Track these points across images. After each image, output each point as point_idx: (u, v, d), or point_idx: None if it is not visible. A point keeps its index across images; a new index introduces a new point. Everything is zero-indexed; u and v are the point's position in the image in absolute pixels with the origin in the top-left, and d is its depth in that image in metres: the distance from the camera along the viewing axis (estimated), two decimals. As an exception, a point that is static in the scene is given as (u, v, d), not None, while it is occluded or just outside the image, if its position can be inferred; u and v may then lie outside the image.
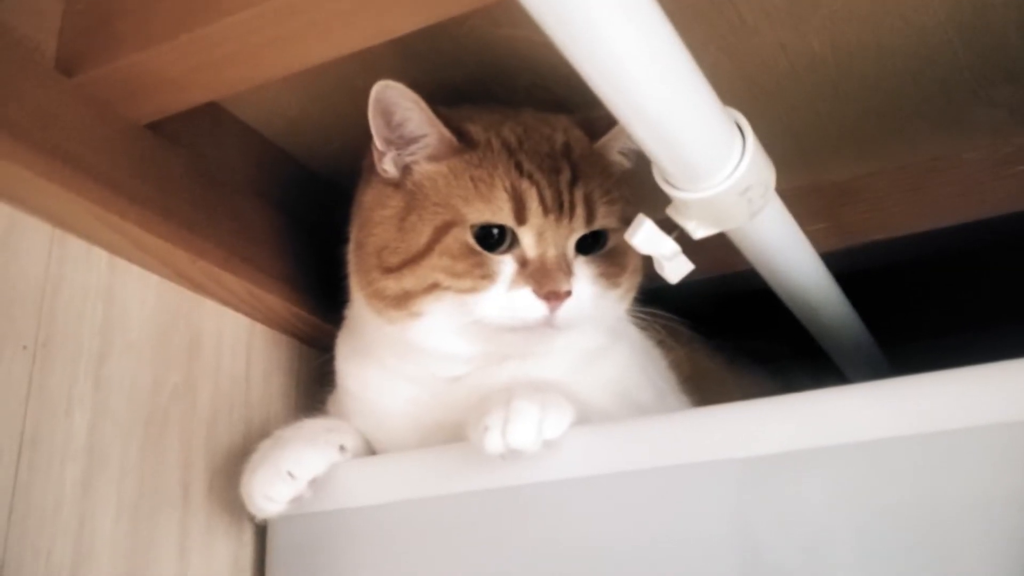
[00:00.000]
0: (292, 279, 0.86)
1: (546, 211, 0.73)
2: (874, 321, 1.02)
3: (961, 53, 0.81)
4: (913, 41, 0.79)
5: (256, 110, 0.87)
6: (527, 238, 0.73)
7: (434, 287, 0.73)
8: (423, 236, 0.74)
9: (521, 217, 0.73)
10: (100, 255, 0.74)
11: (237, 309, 0.85)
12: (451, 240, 0.73)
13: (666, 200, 0.66)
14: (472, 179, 0.74)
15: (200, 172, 0.80)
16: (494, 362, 0.77)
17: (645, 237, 0.68)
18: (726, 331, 1.06)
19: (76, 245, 0.72)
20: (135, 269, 0.76)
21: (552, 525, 0.70)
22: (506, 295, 0.72)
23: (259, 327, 0.88)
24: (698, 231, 0.68)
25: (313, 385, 0.89)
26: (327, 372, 0.86)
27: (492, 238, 0.73)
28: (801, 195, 0.99)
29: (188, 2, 0.66)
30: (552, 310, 0.72)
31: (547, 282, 0.72)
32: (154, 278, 0.78)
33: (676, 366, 0.94)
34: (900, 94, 0.87)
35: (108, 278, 0.74)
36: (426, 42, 0.73)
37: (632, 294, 0.81)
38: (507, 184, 0.73)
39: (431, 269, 0.73)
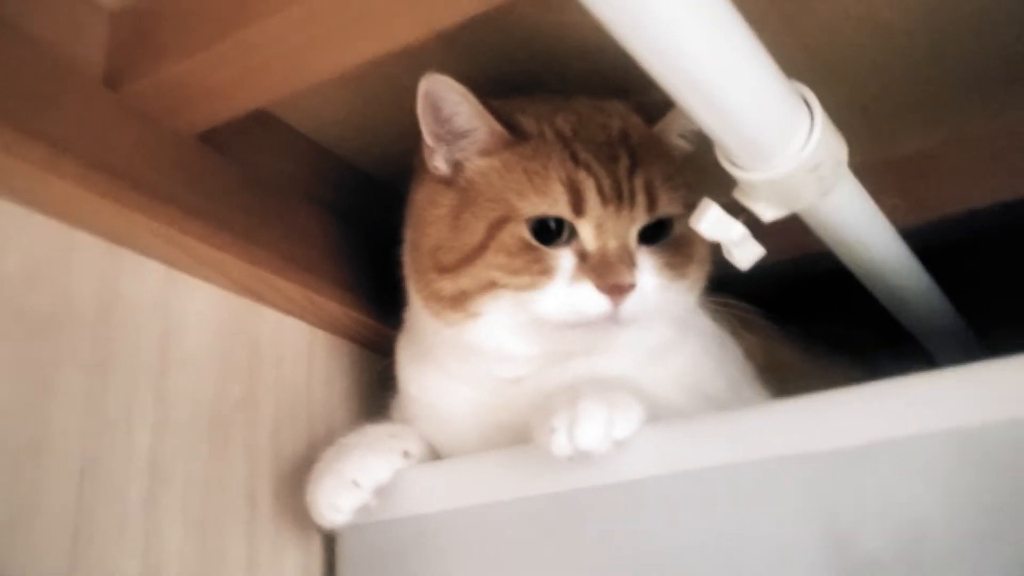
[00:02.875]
0: (350, 283, 0.85)
1: (605, 201, 0.70)
2: (960, 300, 0.97)
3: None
4: (988, 3, 0.75)
5: (305, 115, 0.85)
6: (586, 230, 0.70)
7: (491, 285, 0.71)
8: (477, 233, 0.72)
9: (579, 208, 0.70)
10: (155, 268, 0.73)
11: (296, 316, 0.84)
12: (506, 236, 0.71)
13: (731, 183, 0.63)
14: (526, 172, 0.72)
15: (252, 180, 0.79)
16: (556, 361, 0.74)
17: (712, 222, 0.65)
18: (801, 316, 1.02)
19: (130, 259, 0.71)
20: (192, 280, 0.76)
21: (626, 527, 0.67)
22: (567, 290, 0.70)
23: (319, 333, 0.87)
24: (767, 213, 0.65)
25: (376, 389, 0.87)
26: (389, 376, 0.84)
27: (549, 232, 0.71)
28: (872, 170, 0.94)
29: (225, 8, 0.64)
30: (615, 304, 0.69)
31: (609, 275, 0.69)
32: (211, 289, 0.77)
33: (750, 356, 0.90)
34: (974, 59, 0.82)
35: (164, 291, 0.73)
36: (473, 34, 0.71)
37: (702, 283, 0.78)
38: (563, 175, 0.70)
39: (487, 267, 0.71)
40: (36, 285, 0.64)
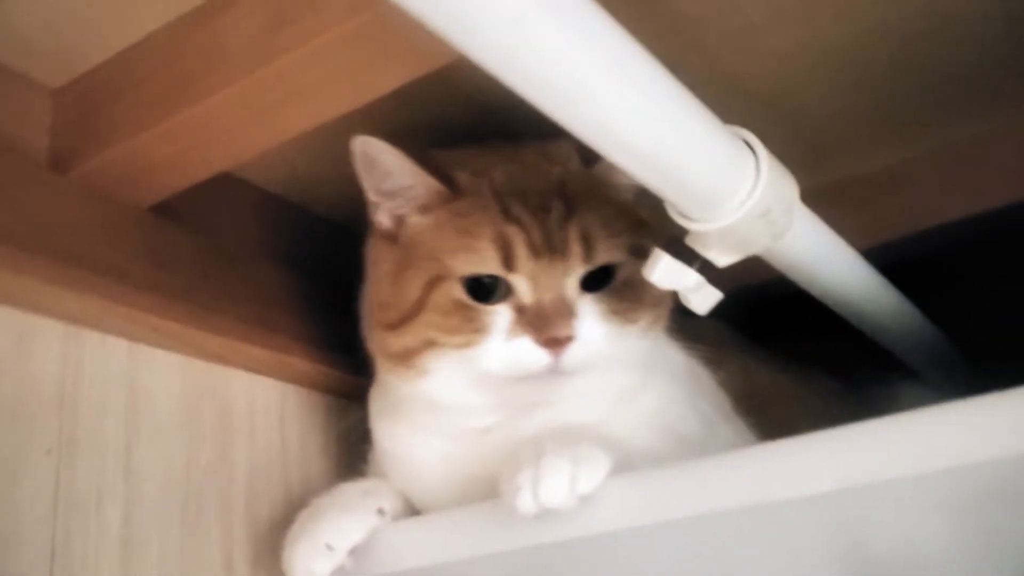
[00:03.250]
0: (318, 339, 0.84)
1: (536, 254, 0.70)
2: (937, 312, 0.96)
3: (993, 27, 0.75)
4: (939, 21, 0.74)
5: (266, 172, 0.85)
6: (520, 285, 0.70)
7: (431, 344, 0.71)
8: (414, 292, 0.72)
9: (510, 264, 0.70)
10: (118, 344, 0.73)
11: (266, 375, 0.84)
12: (439, 296, 0.71)
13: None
14: (457, 229, 0.72)
15: (212, 245, 0.79)
16: (523, 411, 0.74)
17: (664, 272, 0.64)
18: (783, 334, 1.02)
19: (92, 338, 0.71)
20: (156, 352, 0.75)
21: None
22: (505, 346, 0.70)
23: (291, 389, 0.87)
24: (721, 259, 0.64)
25: (354, 439, 0.87)
26: (365, 429, 0.84)
27: (485, 289, 0.71)
28: (839, 188, 0.95)
29: (166, 87, 0.65)
30: (555, 356, 0.69)
31: (545, 328, 0.69)
32: (177, 357, 0.77)
33: (727, 384, 0.89)
34: (933, 76, 0.81)
35: (129, 365, 0.73)
36: (422, 89, 0.71)
37: (661, 323, 0.77)
38: (492, 232, 0.70)
39: (425, 326, 0.71)
40: (-5, 373, 0.64)
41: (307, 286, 0.87)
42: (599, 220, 0.72)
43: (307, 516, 0.75)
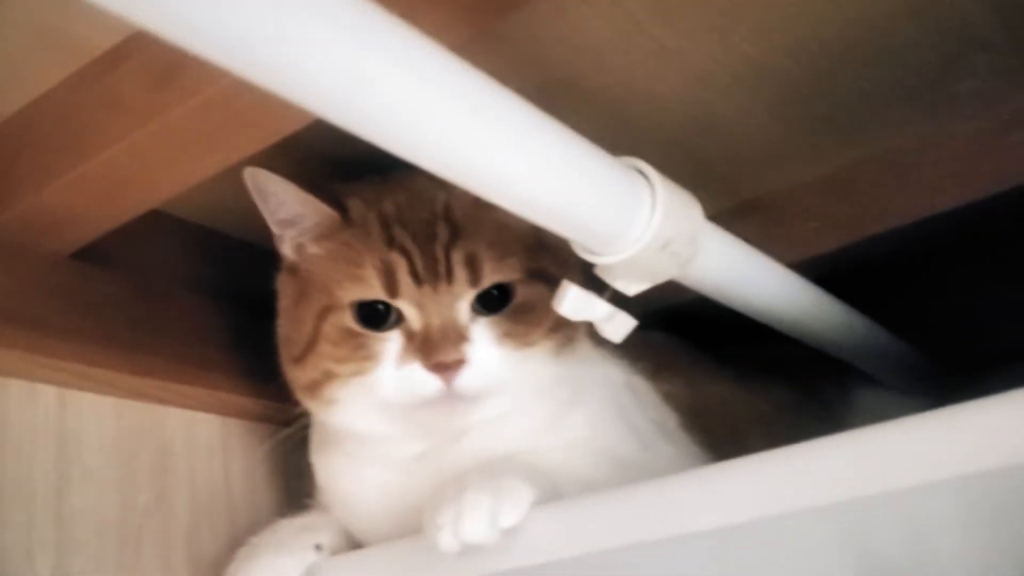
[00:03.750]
0: (257, 371, 0.84)
1: (418, 281, 0.70)
2: (893, 316, 0.96)
3: (916, 32, 0.74)
4: (857, 30, 0.73)
5: (191, 205, 0.84)
6: (408, 311, 0.70)
7: (330, 375, 0.72)
8: (308, 325, 0.73)
9: (393, 291, 0.70)
10: (46, 391, 0.73)
11: (205, 411, 0.84)
12: (328, 327, 0.72)
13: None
14: (344, 259, 0.72)
15: (140, 285, 0.79)
16: (450, 438, 0.74)
17: (573, 304, 0.64)
18: (744, 338, 1.01)
19: (17, 387, 0.71)
20: (87, 396, 0.76)
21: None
22: (396, 373, 0.70)
23: (233, 422, 0.87)
24: (629, 288, 0.64)
25: (297, 472, 0.87)
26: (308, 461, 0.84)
27: (377, 316, 0.71)
28: (786, 195, 0.94)
29: (70, 139, 0.65)
30: (447, 382, 0.69)
31: (433, 354, 0.68)
32: (110, 400, 0.77)
33: (673, 398, 0.89)
34: (864, 83, 0.80)
35: (58, 412, 0.73)
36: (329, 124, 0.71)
37: (571, 345, 0.76)
38: (376, 259, 0.71)
39: (320, 358, 0.72)
40: (-86, 431, 0.65)
41: (242, 316, 0.87)
42: (486, 243, 0.72)
43: (244, 555, 0.76)
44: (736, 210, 0.94)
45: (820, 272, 0.86)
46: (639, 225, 0.58)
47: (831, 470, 0.57)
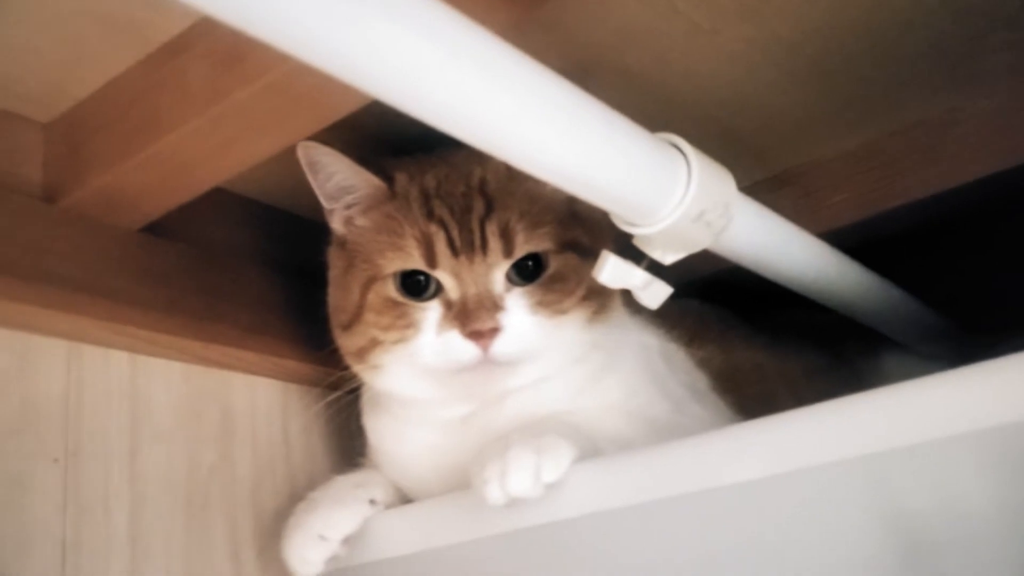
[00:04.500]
0: (313, 338, 0.88)
1: (455, 252, 0.74)
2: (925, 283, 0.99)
3: (941, 10, 0.76)
4: (883, 9, 0.76)
5: (254, 185, 0.90)
6: (447, 281, 0.74)
7: (376, 342, 0.76)
8: (355, 295, 0.77)
9: (432, 262, 0.74)
10: (119, 356, 0.79)
11: (266, 376, 0.89)
12: (373, 296, 0.76)
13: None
14: (388, 231, 0.76)
15: (203, 258, 0.84)
16: (494, 400, 0.78)
17: (611, 273, 0.68)
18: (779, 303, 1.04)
19: (93, 353, 0.77)
20: (157, 362, 0.81)
21: (571, 561, 0.71)
22: (435, 340, 0.74)
23: (292, 387, 0.92)
24: (666, 258, 0.68)
25: (353, 432, 0.91)
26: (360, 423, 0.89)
27: (418, 286, 0.75)
28: (815, 168, 0.97)
29: (141, 120, 0.69)
30: (484, 348, 0.73)
31: (470, 321, 0.72)
32: (178, 365, 0.83)
33: (707, 363, 0.93)
34: (889, 61, 0.83)
35: (130, 375, 0.79)
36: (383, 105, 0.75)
37: (605, 314, 0.79)
38: (416, 231, 0.75)
39: (366, 326, 0.77)
40: (2, 392, 0.70)
41: (297, 287, 0.92)
42: (519, 214, 0.75)
43: (303, 509, 0.81)
44: (767, 183, 0.98)
45: (848, 243, 0.89)
46: (675, 197, 0.62)
47: (858, 424, 0.60)
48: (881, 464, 0.58)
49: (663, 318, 0.91)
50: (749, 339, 1.01)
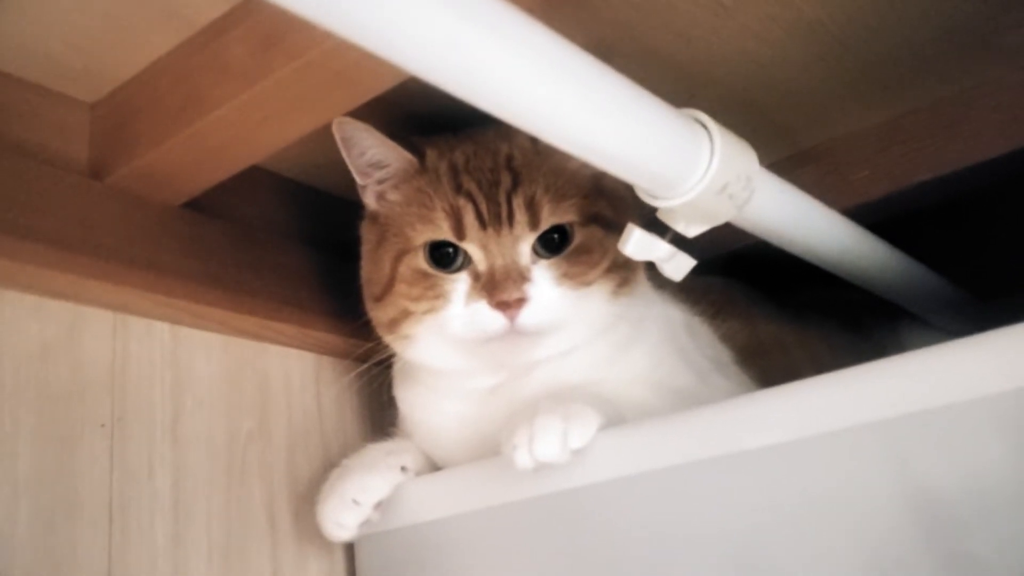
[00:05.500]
0: (345, 312, 0.91)
1: (483, 224, 0.77)
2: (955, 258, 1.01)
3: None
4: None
5: (289, 163, 0.93)
6: (475, 252, 0.77)
7: (407, 313, 0.79)
8: (386, 267, 0.81)
9: (460, 233, 0.77)
10: (162, 327, 0.82)
11: (300, 348, 0.93)
12: (404, 268, 0.79)
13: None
14: (417, 203, 0.80)
15: (241, 234, 0.88)
16: (522, 371, 0.81)
17: (636, 245, 0.70)
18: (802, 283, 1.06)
19: (137, 324, 0.80)
20: (197, 333, 0.84)
21: (601, 524, 0.73)
22: (464, 310, 0.77)
23: (325, 359, 0.96)
24: (689, 230, 0.70)
25: (384, 403, 0.95)
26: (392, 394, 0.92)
27: (447, 258, 0.78)
28: (839, 144, 0.98)
29: (184, 100, 0.72)
30: (511, 318, 0.75)
31: (497, 292, 0.75)
32: (217, 337, 0.86)
33: (730, 337, 0.95)
34: (912, 38, 0.84)
35: (172, 346, 0.82)
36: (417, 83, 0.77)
37: (629, 287, 0.82)
38: (445, 204, 0.78)
39: (398, 297, 0.80)
40: (52, 360, 0.74)
41: (330, 262, 0.95)
42: (544, 188, 0.78)
43: (337, 475, 0.84)
44: (792, 159, 1.00)
45: (873, 218, 0.91)
46: (699, 170, 0.64)
47: (875, 389, 0.63)
48: (899, 429, 0.61)
49: (688, 293, 0.93)
50: (773, 315, 1.03)
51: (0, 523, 0.67)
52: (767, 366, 0.93)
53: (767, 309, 1.03)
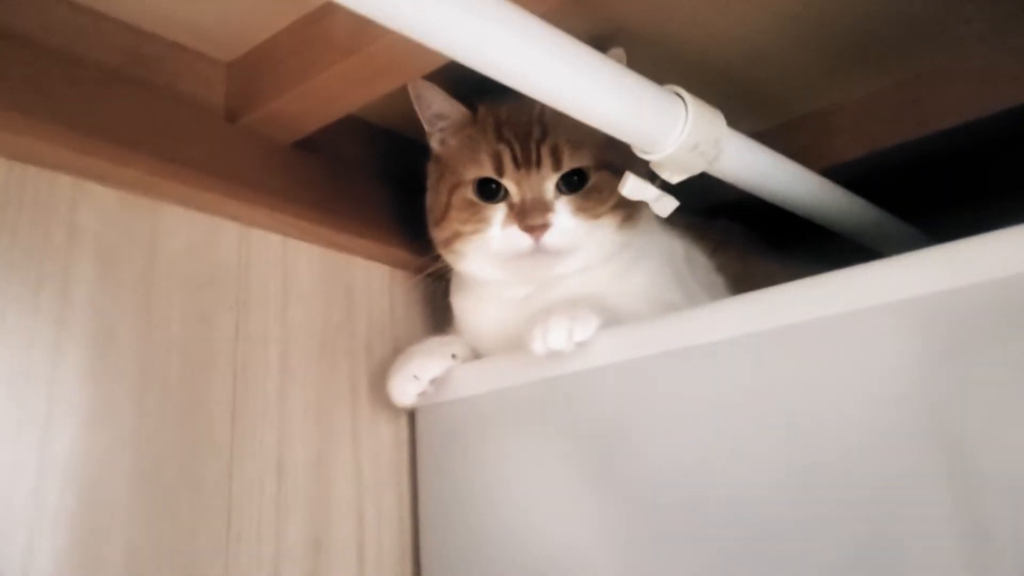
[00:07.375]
0: (413, 234, 1.13)
1: (517, 165, 0.98)
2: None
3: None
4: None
5: (375, 114, 1.15)
6: (511, 187, 0.98)
7: (458, 234, 1.01)
8: (444, 197, 1.02)
9: (500, 171, 0.98)
10: (275, 238, 1.05)
11: (378, 261, 1.16)
12: (457, 198, 1.01)
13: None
14: (469, 148, 1.01)
15: (336, 170, 1.10)
16: (547, 284, 1.02)
17: (631, 188, 0.91)
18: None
19: (258, 235, 1.03)
20: (301, 244, 1.07)
21: (597, 399, 0.93)
22: (501, 233, 0.98)
23: (398, 272, 1.18)
24: (673, 177, 0.90)
25: (443, 306, 1.17)
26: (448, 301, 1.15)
27: (490, 191, 0.99)
28: (824, 115, 1.18)
29: (302, 61, 0.94)
30: (536, 240, 0.96)
31: (526, 218, 0.96)
32: (316, 248, 1.09)
33: (725, 268, 1.15)
34: (872, 27, 1.03)
35: (282, 253, 1.05)
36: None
37: (631, 220, 1.01)
38: (489, 149, 0.99)
39: (452, 221, 1.01)
40: (196, 257, 0.97)
41: (404, 194, 1.16)
42: (566, 139, 0.98)
43: (403, 357, 1.07)
44: (784, 126, 1.20)
45: (851, 175, 1.11)
46: (675, 132, 0.84)
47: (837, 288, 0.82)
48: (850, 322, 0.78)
49: (694, 230, 1.14)
50: (767, 255, 1.22)
51: (156, 372, 0.90)
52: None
53: (762, 248, 1.23)
